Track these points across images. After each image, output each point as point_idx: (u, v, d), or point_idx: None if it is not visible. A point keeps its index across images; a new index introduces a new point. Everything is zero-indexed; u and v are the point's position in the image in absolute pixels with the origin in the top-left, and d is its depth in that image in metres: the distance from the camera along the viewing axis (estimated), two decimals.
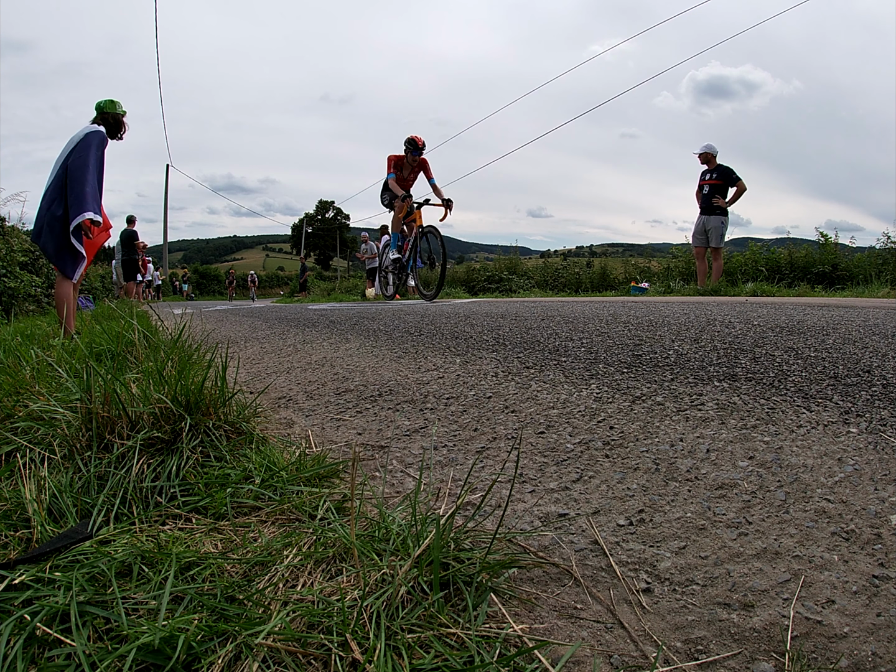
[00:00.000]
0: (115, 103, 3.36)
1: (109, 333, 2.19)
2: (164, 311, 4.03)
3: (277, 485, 1.02)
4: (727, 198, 6.93)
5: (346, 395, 1.80)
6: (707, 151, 7.02)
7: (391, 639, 0.62)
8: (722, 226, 6.97)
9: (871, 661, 0.63)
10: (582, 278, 12.26)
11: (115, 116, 3.34)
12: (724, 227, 6.99)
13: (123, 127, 3.40)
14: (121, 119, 3.37)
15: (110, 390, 1.14)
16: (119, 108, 3.36)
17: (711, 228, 7.03)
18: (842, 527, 0.87)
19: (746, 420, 1.30)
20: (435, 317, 3.90)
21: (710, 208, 6.99)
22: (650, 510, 0.97)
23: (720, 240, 7.05)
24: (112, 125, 3.34)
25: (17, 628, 0.61)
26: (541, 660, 0.62)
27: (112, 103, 3.35)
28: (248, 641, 0.60)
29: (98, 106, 3.35)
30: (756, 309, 3.55)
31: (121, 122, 3.37)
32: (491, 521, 0.93)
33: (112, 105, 3.34)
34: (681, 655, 0.66)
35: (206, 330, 3.76)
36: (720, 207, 6.92)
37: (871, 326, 2.50)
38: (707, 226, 7.06)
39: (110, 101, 3.36)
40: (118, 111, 3.35)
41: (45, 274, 7.48)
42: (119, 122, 3.36)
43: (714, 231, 7.02)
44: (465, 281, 13.71)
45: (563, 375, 1.79)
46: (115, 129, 3.36)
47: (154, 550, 0.78)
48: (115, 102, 3.36)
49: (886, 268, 7.76)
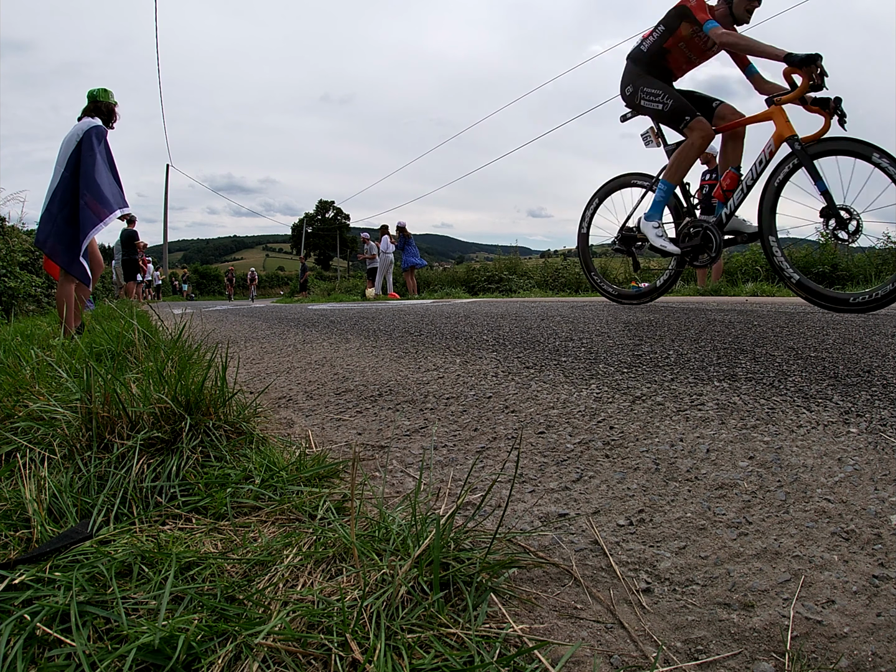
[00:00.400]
0: (107, 92, 3.37)
1: (109, 333, 2.19)
2: (164, 311, 4.03)
3: (277, 485, 1.02)
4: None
5: (346, 395, 1.80)
6: (707, 152, 7.03)
7: (391, 639, 0.62)
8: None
9: (871, 661, 0.63)
10: (582, 278, 12.26)
11: (108, 105, 3.36)
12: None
13: (115, 116, 3.42)
14: (113, 108, 3.38)
15: (110, 390, 1.14)
16: (111, 97, 3.37)
17: None
18: (842, 527, 0.87)
19: (746, 420, 1.30)
20: (435, 317, 3.90)
21: (710, 208, 7.00)
22: (650, 510, 0.97)
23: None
24: (105, 114, 3.36)
25: (17, 628, 0.61)
26: (541, 660, 0.62)
27: (105, 92, 3.37)
28: (248, 641, 0.60)
29: (91, 94, 3.36)
30: (756, 309, 3.55)
31: (113, 111, 3.39)
32: (491, 521, 0.93)
33: (105, 94, 3.36)
34: (681, 655, 0.66)
35: (206, 330, 3.77)
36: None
37: (871, 326, 2.50)
38: None
39: (103, 89, 3.38)
40: (111, 100, 3.36)
41: (44, 274, 7.48)
42: (112, 111, 3.37)
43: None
44: (465, 281, 13.73)
45: (563, 375, 1.79)
46: (108, 118, 3.37)
47: (154, 550, 0.78)
48: (107, 91, 3.37)
49: (886, 268, 7.76)
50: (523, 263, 14.24)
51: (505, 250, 15.40)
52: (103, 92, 3.35)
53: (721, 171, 3.81)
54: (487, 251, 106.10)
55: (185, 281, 29.55)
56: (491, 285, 12.48)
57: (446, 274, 16.62)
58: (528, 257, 19.84)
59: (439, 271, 18.49)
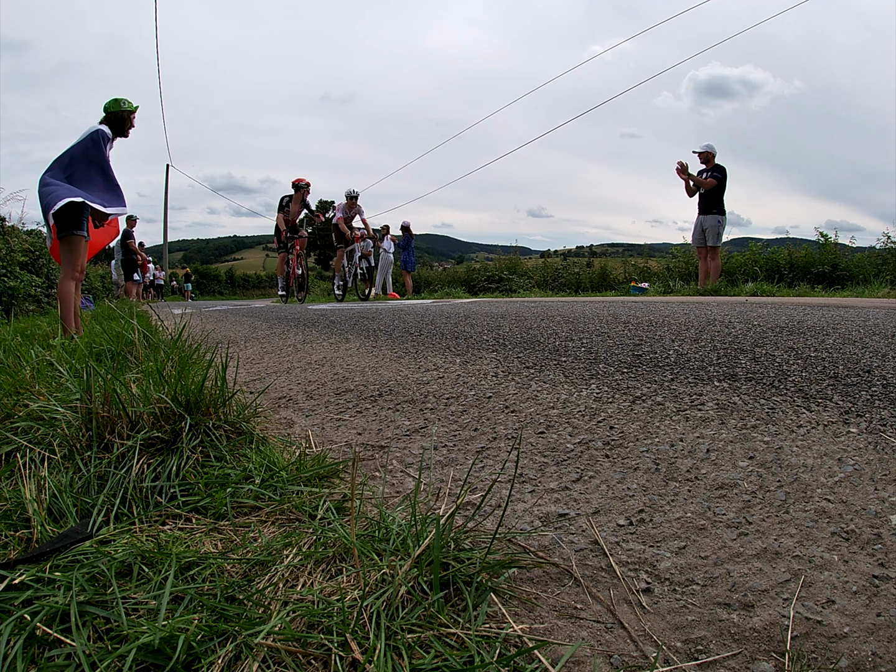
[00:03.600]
0: (118, 101, 3.39)
1: (109, 333, 2.19)
2: (164, 311, 4.03)
3: (277, 485, 1.02)
4: (722, 197, 6.90)
5: (346, 395, 1.80)
6: (707, 151, 7.02)
7: (391, 639, 0.62)
8: (718, 224, 6.95)
9: (871, 661, 0.63)
10: (582, 278, 12.26)
11: (117, 114, 3.37)
12: (720, 226, 6.97)
13: (128, 123, 3.43)
14: (124, 115, 3.39)
15: (110, 390, 1.14)
16: (124, 104, 3.38)
17: (708, 227, 7.01)
18: (842, 527, 0.87)
19: (746, 420, 1.30)
20: (435, 317, 3.90)
21: (708, 208, 6.98)
22: (650, 510, 0.97)
23: (717, 239, 7.02)
24: (115, 122, 3.37)
25: (17, 628, 0.61)
26: (541, 660, 0.62)
27: (115, 102, 3.39)
28: (248, 641, 0.60)
29: (104, 107, 3.40)
30: (756, 309, 3.55)
31: (124, 119, 3.39)
32: (491, 520, 0.93)
33: (115, 103, 3.37)
34: (681, 655, 0.66)
35: (206, 330, 3.76)
36: (717, 207, 6.90)
37: (871, 326, 2.50)
38: (704, 225, 7.04)
39: (113, 100, 3.40)
40: (122, 108, 3.38)
41: (45, 274, 7.48)
42: (122, 118, 3.38)
43: (710, 230, 7.00)
44: (465, 281, 13.72)
45: (563, 375, 1.79)
46: (118, 126, 3.39)
47: (154, 550, 0.78)
48: (118, 100, 3.39)
49: (886, 268, 7.76)
50: (523, 263, 14.24)
51: (505, 250, 15.41)
52: (113, 102, 3.38)
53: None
54: (487, 251, 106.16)
55: (188, 280, 29.44)
56: (491, 285, 12.48)
57: (446, 274, 16.62)
58: (528, 257, 19.84)
59: (439, 271, 18.49)
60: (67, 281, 3.28)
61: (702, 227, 7.07)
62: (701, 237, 7.12)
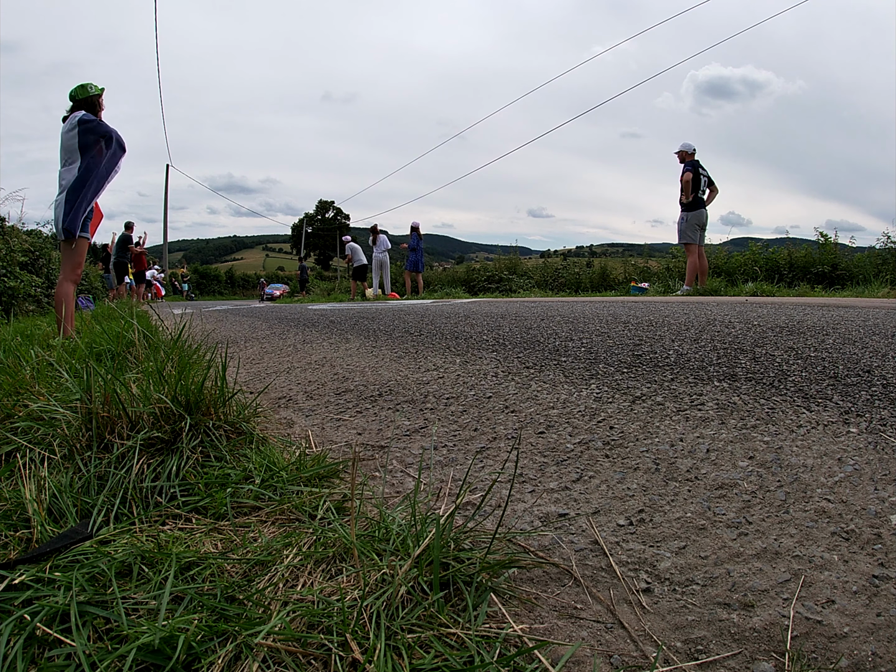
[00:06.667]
0: (84, 87, 3.36)
1: (109, 333, 2.19)
2: (164, 311, 4.03)
3: (277, 485, 1.02)
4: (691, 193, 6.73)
5: (346, 395, 1.80)
6: (683, 150, 6.87)
7: (391, 639, 0.62)
8: (682, 221, 6.82)
9: (871, 661, 0.63)
10: (582, 278, 12.25)
11: (87, 100, 3.35)
12: (682, 223, 6.82)
13: (98, 106, 3.40)
14: (92, 100, 3.36)
15: (110, 390, 1.14)
16: (90, 89, 3.34)
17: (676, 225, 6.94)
18: (842, 527, 0.87)
19: (746, 420, 1.30)
20: (435, 317, 3.90)
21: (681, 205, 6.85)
22: (650, 510, 0.97)
23: (679, 235, 6.90)
24: (86, 108, 3.35)
25: (17, 628, 0.61)
26: (541, 660, 0.62)
27: (82, 88, 3.36)
28: (248, 641, 0.60)
29: (70, 95, 3.36)
30: (756, 309, 3.55)
31: (93, 103, 3.37)
32: (491, 520, 0.93)
33: (82, 90, 3.35)
34: (681, 655, 0.66)
35: (206, 330, 3.76)
36: (682, 204, 6.79)
37: (870, 326, 2.50)
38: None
39: (80, 86, 3.37)
40: (90, 93, 3.35)
41: (45, 274, 7.48)
42: (91, 103, 3.36)
43: (676, 227, 6.94)
44: (465, 281, 13.72)
45: (563, 375, 1.79)
46: (90, 111, 3.36)
47: (154, 550, 0.78)
48: (84, 86, 3.36)
49: (886, 268, 7.75)
50: (523, 263, 14.24)
51: (505, 250, 15.40)
52: (80, 88, 3.35)
53: None
54: (487, 251, 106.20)
55: (186, 281, 29.49)
56: (491, 285, 12.48)
57: (446, 274, 16.61)
58: (527, 257, 19.83)
59: (439, 271, 18.48)
60: (67, 283, 3.27)
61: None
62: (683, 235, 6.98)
